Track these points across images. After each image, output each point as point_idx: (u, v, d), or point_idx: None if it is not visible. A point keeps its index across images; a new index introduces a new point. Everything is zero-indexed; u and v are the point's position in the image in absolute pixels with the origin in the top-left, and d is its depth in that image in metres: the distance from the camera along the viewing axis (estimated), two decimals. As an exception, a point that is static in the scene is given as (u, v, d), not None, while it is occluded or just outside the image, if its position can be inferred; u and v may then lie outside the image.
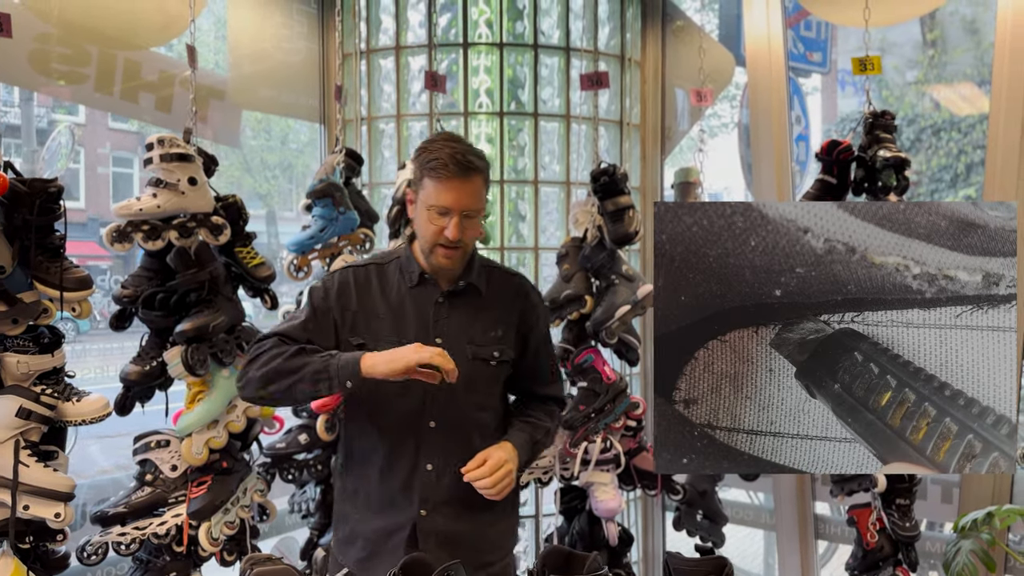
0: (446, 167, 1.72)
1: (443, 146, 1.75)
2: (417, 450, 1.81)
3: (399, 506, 1.82)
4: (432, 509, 1.81)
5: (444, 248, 1.76)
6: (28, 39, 2.50)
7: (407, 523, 1.81)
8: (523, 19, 3.28)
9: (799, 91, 6.59)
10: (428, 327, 1.82)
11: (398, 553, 1.74)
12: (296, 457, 2.75)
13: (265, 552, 2.54)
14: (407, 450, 1.81)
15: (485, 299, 1.87)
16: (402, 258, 1.87)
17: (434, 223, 1.75)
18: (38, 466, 2.01)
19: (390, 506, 1.82)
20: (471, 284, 1.86)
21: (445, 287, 1.84)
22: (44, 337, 2.08)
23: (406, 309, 1.83)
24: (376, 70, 3.34)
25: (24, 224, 1.99)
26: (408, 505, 1.81)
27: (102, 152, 15.83)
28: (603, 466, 2.69)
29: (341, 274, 1.86)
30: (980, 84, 7.83)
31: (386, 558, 1.77)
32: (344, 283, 1.84)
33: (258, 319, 2.68)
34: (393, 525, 1.82)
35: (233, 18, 3.20)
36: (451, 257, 1.78)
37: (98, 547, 2.21)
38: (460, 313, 1.84)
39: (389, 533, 1.81)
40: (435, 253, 1.78)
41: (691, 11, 3.86)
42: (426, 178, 1.75)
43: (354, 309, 1.82)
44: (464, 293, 1.86)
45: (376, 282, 1.85)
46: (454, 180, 1.72)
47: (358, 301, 1.83)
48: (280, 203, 17.63)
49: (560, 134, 3.35)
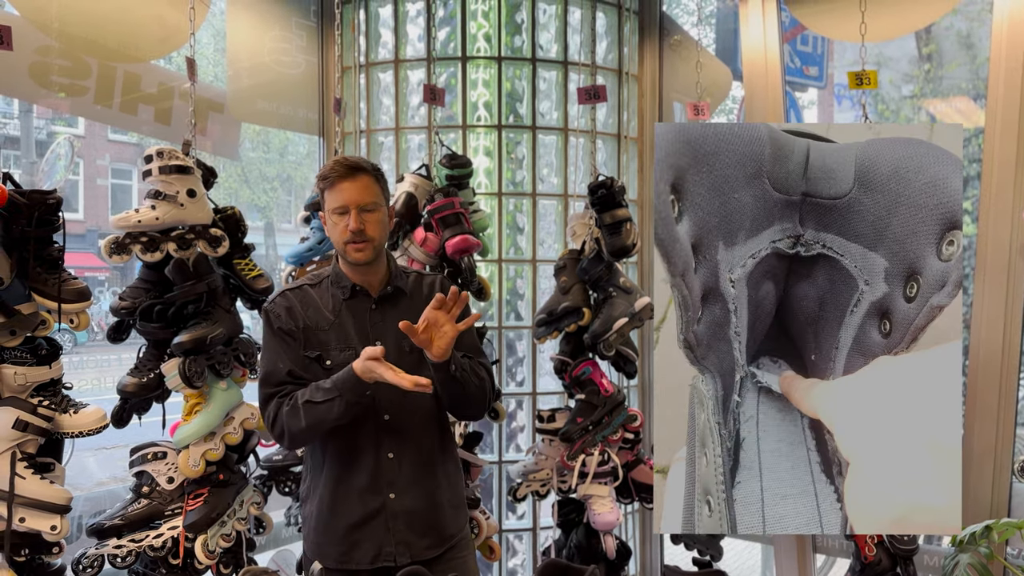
0: (333, 171, 1.94)
1: (330, 162, 1.98)
2: (378, 442, 1.98)
3: (370, 494, 1.98)
4: (399, 492, 1.98)
5: (352, 244, 1.94)
6: (29, 51, 2.51)
7: (379, 508, 1.97)
8: (521, 33, 3.29)
9: (795, 105, 6.63)
10: (367, 332, 2.00)
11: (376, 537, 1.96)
12: (293, 469, 2.75)
13: (261, 565, 2.54)
14: (369, 443, 1.98)
15: (410, 299, 2.06)
16: (331, 276, 2.05)
17: (338, 224, 1.94)
18: (34, 478, 2.00)
19: (360, 496, 1.98)
20: (396, 288, 2.05)
21: (375, 295, 2.03)
22: (42, 349, 2.08)
23: (344, 319, 2.00)
24: (375, 83, 3.35)
25: (23, 236, 1.99)
26: (377, 492, 1.97)
27: (101, 164, 15.83)
28: (601, 479, 2.69)
29: (281, 298, 2.03)
30: (975, 98, 7.87)
31: (364, 545, 1.96)
32: (288, 305, 2.01)
33: (255, 331, 2.68)
34: (366, 513, 1.97)
35: (232, 31, 3.20)
36: (361, 249, 1.95)
37: (94, 560, 2.20)
38: (392, 315, 2.00)
39: (364, 520, 1.97)
40: (347, 252, 1.95)
41: (688, 25, 3.89)
42: (325, 191, 1.97)
43: (302, 326, 1.98)
44: (391, 297, 2.04)
45: (315, 299, 2.02)
46: (343, 180, 1.94)
47: (304, 318, 1.99)
48: (278, 215, 17.64)
49: (558, 147, 3.36)
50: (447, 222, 2.69)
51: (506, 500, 3.26)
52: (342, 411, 1.86)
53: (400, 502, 1.98)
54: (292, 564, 2.93)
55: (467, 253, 2.70)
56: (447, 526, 2.05)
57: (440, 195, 2.74)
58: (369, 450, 1.98)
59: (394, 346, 1.94)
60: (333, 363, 1.95)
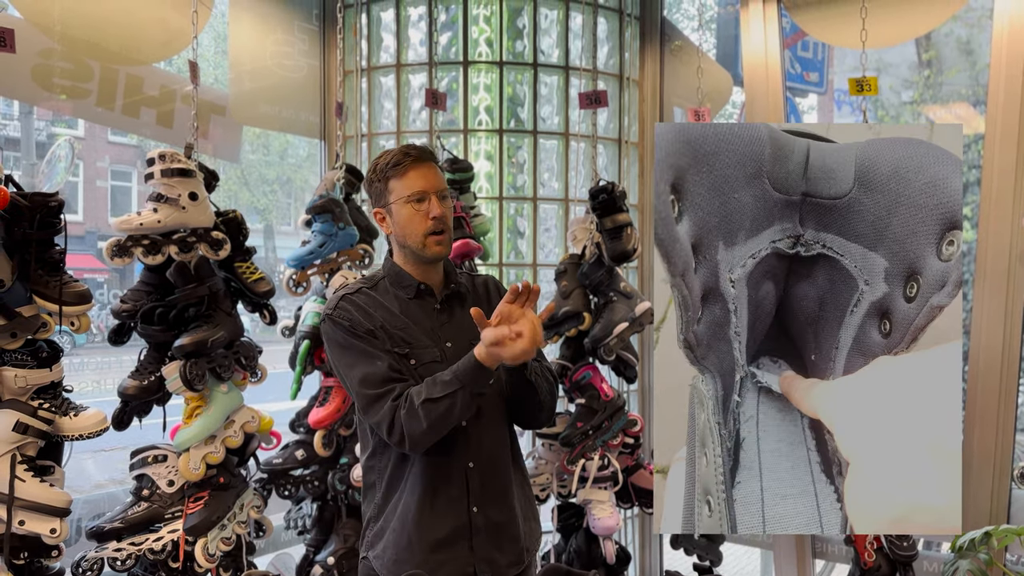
0: (406, 156, 1.82)
1: (390, 151, 1.85)
2: (458, 450, 1.84)
3: (454, 508, 1.84)
4: (481, 504, 1.85)
5: (435, 235, 1.82)
6: (31, 54, 2.52)
7: (464, 522, 1.84)
8: (523, 38, 3.30)
9: (795, 110, 6.64)
10: (436, 333, 1.87)
11: (461, 554, 1.81)
12: (293, 473, 2.74)
13: (261, 569, 2.54)
14: (452, 452, 1.83)
15: (471, 299, 1.94)
16: (389, 276, 1.91)
17: (416, 213, 1.81)
18: (34, 481, 2.00)
19: (448, 509, 1.84)
20: (459, 286, 1.94)
21: (439, 294, 1.90)
22: (42, 351, 2.08)
23: (415, 319, 1.86)
24: (377, 87, 3.36)
25: (24, 238, 1.99)
26: (461, 505, 1.84)
27: (101, 166, 15.85)
28: (601, 483, 2.69)
29: (346, 302, 1.86)
30: (975, 104, 7.88)
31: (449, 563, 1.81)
32: (357, 306, 1.85)
33: (255, 334, 2.68)
34: (452, 526, 1.83)
35: (234, 34, 3.21)
36: (443, 242, 1.83)
37: (93, 563, 2.20)
38: (456, 316, 1.90)
39: (451, 535, 1.83)
40: (428, 244, 1.82)
41: (689, 31, 3.90)
42: (392, 180, 1.83)
43: (379, 324, 1.84)
44: (454, 298, 1.92)
45: (379, 301, 1.88)
46: (419, 166, 1.82)
47: (379, 318, 1.84)
48: (278, 217, 17.67)
49: (559, 152, 3.37)
50: (448, 226, 2.70)
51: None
52: (467, 403, 1.71)
53: (483, 515, 1.84)
54: (291, 568, 2.92)
55: (468, 257, 2.71)
56: (525, 538, 1.92)
57: (441, 199, 2.74)
58: (453, 459, 1.83)
59: (465, 346, 1.78)
60: (419, 362, 1.81)
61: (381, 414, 1.75)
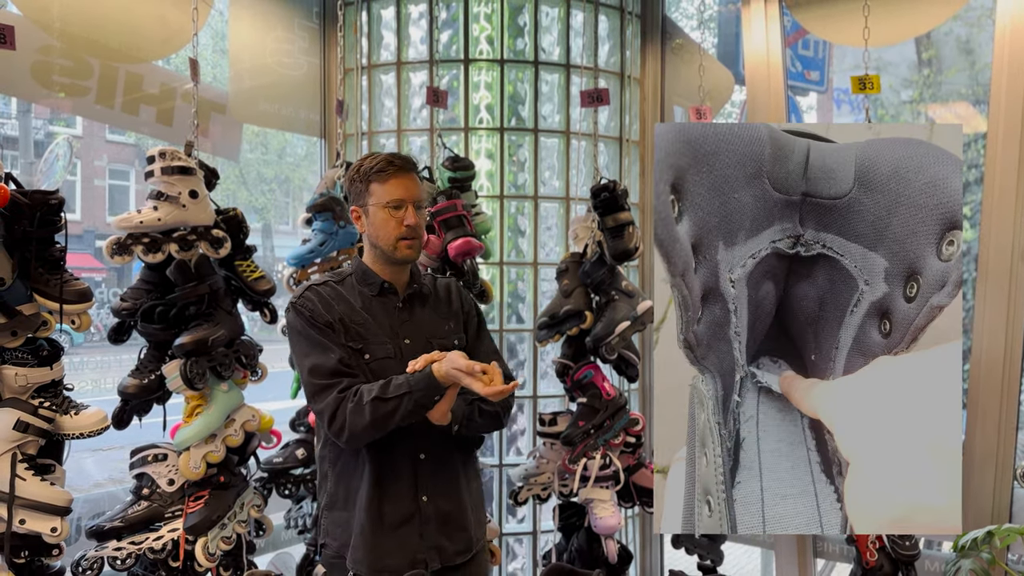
0: (390, 164, 1.92)
1: (376, 155, 1.95)
2: (411, 442, 1.92)
3: (405, 496, 1.92)
4: (430, 494, 1.94)
5: (406, 240, 1.92)
6: (31, 51, 2.51)
7: (414, 510, 1.92)
8: (524, 36, 3.30)
9: (796, 109, 6.63)
10: (396, 330, 1.97)
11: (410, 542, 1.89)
12: (293, 472, 2.74)
13: (261, 568, 2.53)
14: (405, 443, 1.92)
15: (432, 300, 2.06)
16: (356, 273, 2.01)
17: (391, 219, 1.91)
18: (35, 480, 2.00)
19: (400, 499, 1.92)
20: (421, 287, 2.04)
21: (402, 293, 2.00)
22: (43, 350, 2.07)
23: (375, 316, 1.96)
24: (377, 85, 3.36)
25: (24, 236, 1.99)
26: (411, 493, 1.93)
27: (99, 164, 15.84)
28: (602, 483, 2.68)
29: (310, 292, 1.96)
30: (975, 103, 7.86)
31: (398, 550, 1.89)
32: (319, 299, 1.95)
33: (256, 333, 2.68)
34: (402, 514, 1.91)
35: (234, 32, 3.21)
36: (413, 247, 1.94)
37: (93, 562, 2.20)
38: (417, 315, 2.01)
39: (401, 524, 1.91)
40: (399, 247, 1.93)
41: (690, 29, 3.89)
42: (373, 183, 1.93)
43: (338, 318, 1.93)
44: (416, 297, 2.03)
45: (343, 295, 1.97)
46: (402, 175, 1.92)
47: (339, 311, 1.94)
48: (276, 216, 17.66)
49: (560, 150, 3.36)
50: (449, 224, 2.69)
51: (506, 504, 3.26)
52: (410, 410, 1.80)
53: (432, 504, 1.93)
54: (292, 567, 2.92)
55: (469, 256, 2.70)
56: (474, 528, 2.01)
57: (442, 197, 2.74)
58: (404, 450, 1.92)
59: (423, 343, 1.93)
60: (372, 357, 1.91)
61: (325, 404, 1.84)
